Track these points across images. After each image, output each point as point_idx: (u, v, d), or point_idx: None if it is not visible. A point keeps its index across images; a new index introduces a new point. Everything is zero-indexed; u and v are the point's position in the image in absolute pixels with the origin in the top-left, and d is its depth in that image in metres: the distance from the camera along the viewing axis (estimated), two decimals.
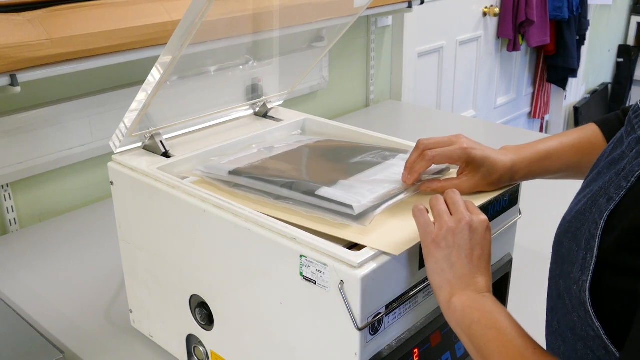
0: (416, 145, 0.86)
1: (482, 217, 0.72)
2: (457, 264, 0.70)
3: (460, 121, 2.35)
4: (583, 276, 0.58)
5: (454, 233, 0.70)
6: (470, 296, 0.69)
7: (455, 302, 0.69)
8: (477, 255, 0.71)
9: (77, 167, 1.50)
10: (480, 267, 0.71)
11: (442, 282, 0.70)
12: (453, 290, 0.69)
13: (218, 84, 1.12)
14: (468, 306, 0.68)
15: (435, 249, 0.71)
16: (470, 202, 0.75)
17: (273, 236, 0.74)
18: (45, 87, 1.39)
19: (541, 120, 3.59)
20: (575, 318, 0.60)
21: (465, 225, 0.71)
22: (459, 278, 0.70)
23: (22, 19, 1.19)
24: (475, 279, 0.70)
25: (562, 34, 3.21)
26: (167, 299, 0.94)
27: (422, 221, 0.72)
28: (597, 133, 0.87)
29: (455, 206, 0.73)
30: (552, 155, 0.86)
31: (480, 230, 0.71)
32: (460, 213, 0.72)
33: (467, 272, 0.70)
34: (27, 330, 0.98)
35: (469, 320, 0.67)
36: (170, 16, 1.36)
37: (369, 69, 2.27)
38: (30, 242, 1.37)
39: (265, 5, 1.08)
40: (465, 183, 0.84)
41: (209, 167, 0.93)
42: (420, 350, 0.79)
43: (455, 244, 0.70)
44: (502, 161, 0.84)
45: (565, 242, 0.63)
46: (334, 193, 0.80)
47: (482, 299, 0.68)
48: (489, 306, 0.68)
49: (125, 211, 0.96)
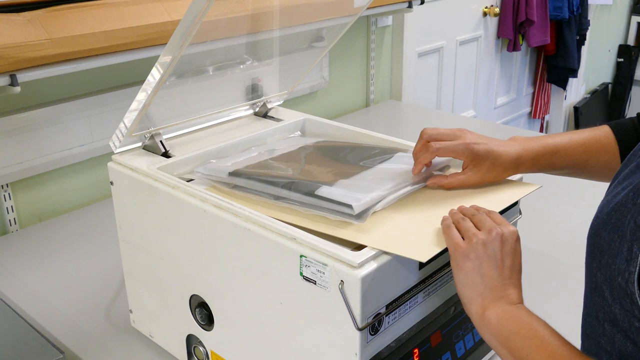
0: (420, 134, 0.86)
1: (512, 228, 0.72)
2: (487, 275, 0.69)
3: (460, 121, 2.35)
4: (630, 267, 0.57)
5: (484, 244, 0.70)
6: (504, 308, 0.68)
7: (489, 314, 0.67)
8: (508, 266, 0.70)
9: (77, 167, 1.50)
10: (511, 278, 0.70)
11: (473, 295, 0.69)
12: (485, 302, 0.68)
13: (218, 84, 1.12)
14: (503, 318, 0.67)
15: (464, 261, 0.70)
16: (495, 213, 0.75)
17: (273, 236, 0.74)
18: (45, 87, 1.39)
19: (541, 120, 3.59)
20: (616, 310, 0.59)
21: (497, 236, 0.70)
22: (490, 290, 0.69)
23: (22, 19, 1.19)
24: (507, 291, 0.69)
25: (562, 34, 3.21)
26: (167, 299, 0.94)
27: (452, 234, 0.72)
28: (609, 135, 0.86)
29: (482, 222, 0.72)
30: (559, 151, 0.86)
31: (511, 241, 0.71)
32: (490, 225, 0.71)
33: (498, 283, 0.69)
34: (27, 330, 0.98)
35: (506, 332, 0.66)
36: (170, 16, 1.36)
37: (369, 69, 2.27)
38: (30, 242, 1.37)
39: (265, 5, 1.08)
40: (471, 178, 0.85)
41: (209, 168, 0.93)
42: (420, 350, 0.79)
43: (486, 255, 0.69)
44: (507, 152, 0.84)
45: (604, 234, 0.62)
46: (334, 192, 0.80)
47: (517, 310, 0.67)
48: (525, 316, 0.67)
49: (125, 211, 0.96)
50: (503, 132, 2.02)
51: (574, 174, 0.89)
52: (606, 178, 0.89)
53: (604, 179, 0.89)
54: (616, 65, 4.24)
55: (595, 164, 0.86)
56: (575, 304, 0.70)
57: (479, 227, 0.72)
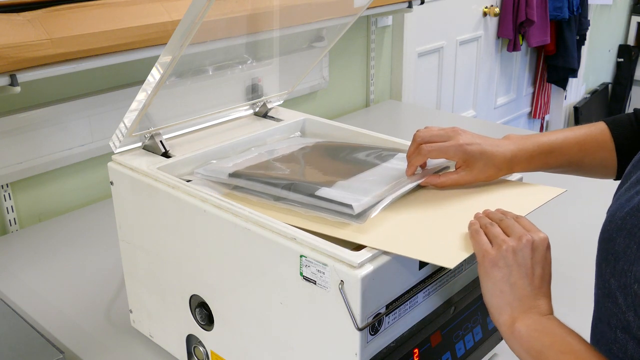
0: (413, 137, 0.86)
1: (542, 235, 0.69)
2: (517, 284, 0.67)
3: (460, 121, 2.35)
4: None
5: (514, 252, 0.67)
6: (535, 319, 0.65)
7: (519, 326, 0.65)
8: (539, 275, 0.68)
9: (77, 167, 1.50)
10: (541, 287, 0.68)
11: (502, 305, 0.67)
12: (514, 313, 0.66)
13: (218, 84, 1.12)
14: (535, 330, 0.64)
15: (493, 269, 0.67)
16: (524, 218, 0.72)
17: (273, 236, 0.74)
18: (45, 87, 1.39)
19: (541, 120, 3.59)
20: (630, 317, 0.58)
21: (527, 243, 0.68)
22: (519, 300, 0.66)
23: (22, 19, 1.19)
24: (538, 301, 0.67)
25: (562, 34, 3.21)
26: (167, 299, 0.94)
27: (480, 240, 0.69)
28: (605, 132, 0.85)
29: (511, 227, 0.70)
30: (554, 150, 0.85)
31: (542, 248, 0.68)
32: (519, 231, 0.69)
33: (528, 293, 0.67)
34: (27, 330, 0.98)
35: (539, 345, 0.64)
36: (170, 16, 1.36)
37: (369, 69, 2.27)
38: (30, 242, 1.37)
39: (265, 5, 1.08)
40: (464, 177, 0.84)
41: (209, 169, 0.93)
42: (420, 350, 0.79)
43: (515, 263, 0.67)
44: (500, 153, 0.83)
45: (619, 239, 0.61)
46: (334, 193, 0.80)
47: (549, 322, 0.65)
48: (557, 329, 0.64)
49: (125, 211, 0.96)
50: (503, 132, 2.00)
51: (570, 172, 0.88)
52: (602, 175, 0.88)
53: (600, 176, 0.88)
54: (616, 65, 4.24)
55: (590, 162, 0.86)
56: (577, 306, 0.70)
57: (507, 233, 0.70)
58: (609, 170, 0.86)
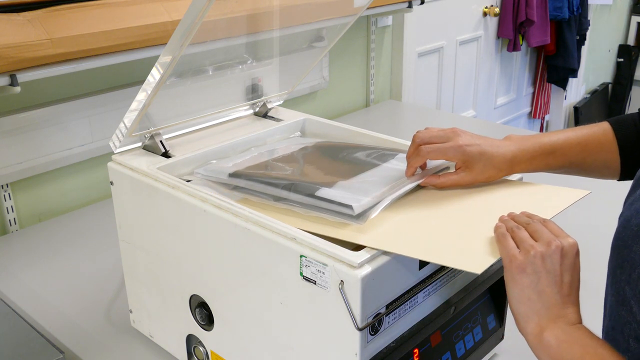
0: (413, 138, 0.86)
1: (571, 241, 0.67)
2: (545, 292, 0.65)
3: (460, 121, 2.35)
4: None
5: (543, 258, 0.65)
6: (564, 329, 0.64)
7: (548, 336, 0.63)
8: (567, 282, 0.66)
9: (77, 167, 1.50)
10: (570, 295, 0.66)
11: (529, 313, 0.65)
12: (542, 322, 0.65)
13: (218, 84, 1.12)
14: (565, 341, 0.63)
15: (520, 275, 0.66)
16: (551, 222, 0.71)
17: (273, 236, 0.74)
18: (45, 87, 1.39)
19: (541, 120, 3.59)
20: None
21: (556, 249, 0.66)
22: (548, 308, 0.65)
23: (22, 19, 1.19)
24: (566, 310, 0.65)
25: (562, 34, 3.21)
26: (167, 299, 0.94)
27: (507, 245, 0.67)
28: (608, 132, 0.84)
29: (539, 232, 0.68)
30: (556, 151, 0.84)
31: (571, 255, 0.66)
32: (548, 236, 0.67)
33: (556, 301, 0.65)
34: (27, 330, 0.98)
35: (569, 356, 0.62)
36: (170, 16, 1.36)
37: (369, 69, 2.27)
38: (30, 242, 1.37)
39: (265, 5, 1.08)
40: (463, 178, 0.84)
41: (209, 169, 0.93)
42: (420, 350, 0.79)
43: (544, 270, 0.65)
44: (500, 154, 0.83)
45: (635, 246, 0.60)
46: (334, 193, 0.80)
47: (578, 332, 0.63)
48: (588, 340, 0.63)
49: (125, 211, 0.96)
50: (503, 132, 2.00)
51: (572, 173, 0.88)
52: (605, 176, 0.88)
53: (603, 176, 0.87)
54: (616, 65, 4.24)
55: (592, 163, 0.85)
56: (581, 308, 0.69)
57: (535, 237, 0.68)
58: (612, 170, 0.86)
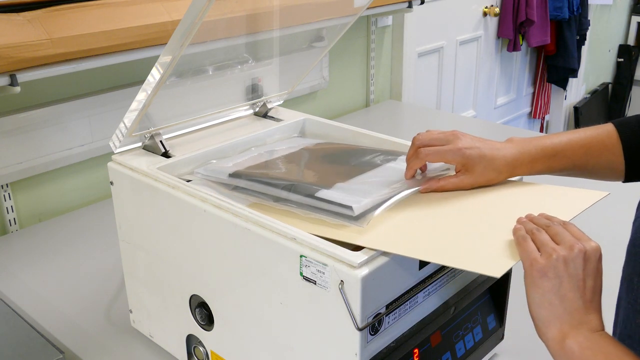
0: (412, 140, 0.86)
1: (594, 244, 0.66)
2: (568, 296, 0.64)
3: (460, 121, 2.35)
4: None
5: (565, 261, 0.64)
6: (587, 336, 0.62)
7: (571, 343, 0.62)
8: (590, 287, 0.64)
9: (77, 167, 1.50)
10: (593, 301, 0.64)
11: (551, 318, 0.64)
12: (564, 328, 0.63)
13: (218, 84, 1.12)
14: (588, 348, 0.61)
15: (542, 279, 0.64)
16: (572, 225, 0.69)
17: (273, 236, 0.74)
18: (45, 87, 1.39)
19: (541, 120, 3.59)
20: None
21: (579, 253, 0.64)
22: (570, 314, 0.63)
23: (22, 19, 1.19)
24: (589, 316, 0.64)
25: (562, 34, 3.21)
26: (167, 299, 0.94)
27: (528, 248, 0.66)
28: (613, 134, 0.83)
29: (560, 235, 0.67)
30: (558, 154, 0.83)
31: (594, 259, 0.65)
32: (570, 239, 0.66)
33: (579, 307, 0.64)
34: (27, 330, 0.98)
35: None
36: (170, 16, 1.36)
37: (369, 69, 2.27)
38: (30, 242, 1.37)
39: (265, 5, 1.08)
40: (463, 181, 0.83)
41: (209, 169, 0.93)
42: (420, 350, 0.79)
43: (567, 274, 0.64)
44: (501, 156, 0.82)
45: None
46: (334, 195, 0.80)
47: (601, 339, 0.62)
48: (612, 347, 0.62)
49: (125, 211, 0.96)
50: (503, 132, 2.02)
51: (575, 175, 0.87)
52: (610, 178, 0.86)
53: (608, 178, 0.86)
54: (616, 65, 4.24)
55: (596, 165, 0.84)
56: None
57: (556, 240, 0.66)
58: (617, 172, 0.85)
